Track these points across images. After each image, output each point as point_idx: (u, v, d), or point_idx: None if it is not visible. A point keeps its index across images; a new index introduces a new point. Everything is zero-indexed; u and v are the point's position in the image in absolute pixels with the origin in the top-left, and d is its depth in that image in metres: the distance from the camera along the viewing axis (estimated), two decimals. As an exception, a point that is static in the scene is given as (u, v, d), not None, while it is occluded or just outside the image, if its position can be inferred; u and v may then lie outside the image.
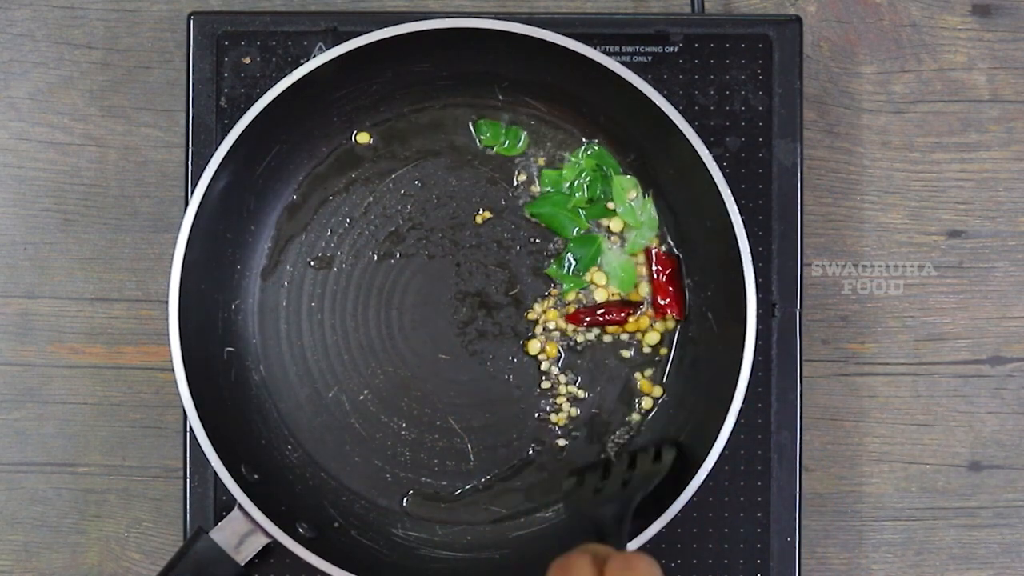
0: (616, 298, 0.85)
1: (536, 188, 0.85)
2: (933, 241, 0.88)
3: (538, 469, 0.85)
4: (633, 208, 0.84)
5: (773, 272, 0.83)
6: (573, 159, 0.85)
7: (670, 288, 0.84)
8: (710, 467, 0.78)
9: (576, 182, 0.84)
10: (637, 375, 0.85)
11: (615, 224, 0.85)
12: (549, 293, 0.85)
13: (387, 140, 0.85)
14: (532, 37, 0.78)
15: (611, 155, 0.85)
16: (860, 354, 0.88)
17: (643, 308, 0.85)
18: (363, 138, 0.85)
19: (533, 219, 0.85)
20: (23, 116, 0.88)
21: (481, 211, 0.85)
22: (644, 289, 0.85)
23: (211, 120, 0.83)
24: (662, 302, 0.84)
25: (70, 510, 0.87)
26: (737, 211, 0.78)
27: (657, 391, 0.85)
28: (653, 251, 0.84)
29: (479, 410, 0.85)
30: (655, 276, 0.84)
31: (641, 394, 0.85)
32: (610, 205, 0.84)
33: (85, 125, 0.88)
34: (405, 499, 0.85)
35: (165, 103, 0.88)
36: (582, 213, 0.85)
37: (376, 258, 0.85)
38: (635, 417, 0.85)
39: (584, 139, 0.85)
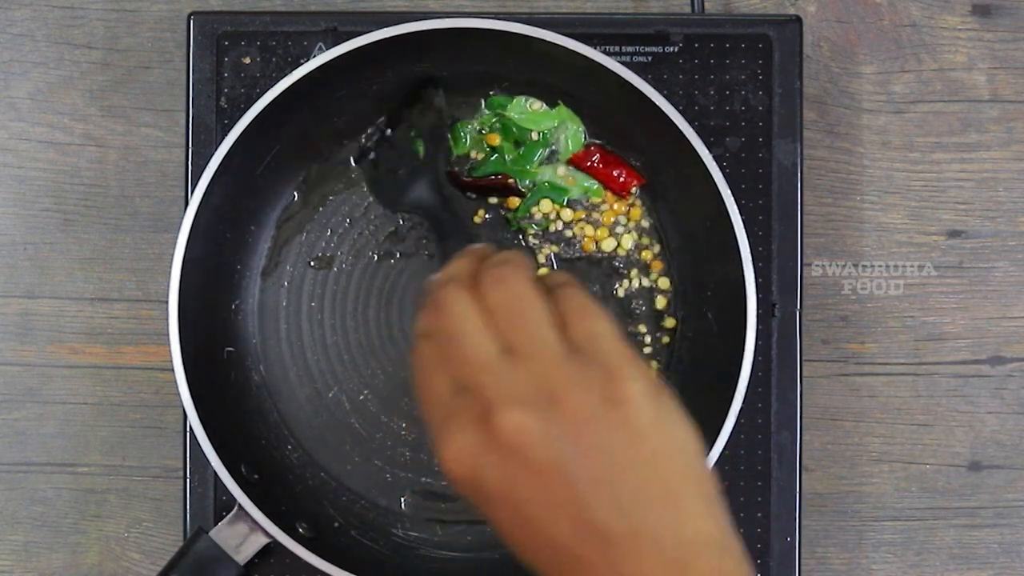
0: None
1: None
2: (933, 241, 0.88)
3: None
4: (542, 113, 0.84)
5: (773, 272, 0.83)
6: (475, 124, 0.85)
7: (613, 170, 0.84)
8: (710, 467, 0.78)
9: (500, 143, 0.84)
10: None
11: (561, 170, 0.85)
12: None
13: (387, 140, 0.85)
14: (532, 37, 0.78)
15: (504, 96, 0.85)
16: (860, 354, 0.88)
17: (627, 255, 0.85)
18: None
19: (532, 216, 0.85)
20: (23, 116, 0.88)
21: (481, 211, 0.85)
22: (628, 241, 0.85)
23: (211, 120, 0.83)
24: (620, 178, 0.84)
25: (70, 510, 0.87)
26: (737, 211, 0.78)
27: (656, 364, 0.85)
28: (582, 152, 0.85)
29: (479, 410, 0.85)
30: (595, 166, 0.84)
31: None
32: (533, 136, 0.84)
33: (85, 125, 0.88)
34: (405, 499, 0.85)
35: (165, 103, 0.88)
36: (531, 167, 0.84)
37: (376, 258, 0.85)
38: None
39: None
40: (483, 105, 0.85)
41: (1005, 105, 0.88)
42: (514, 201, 0.85)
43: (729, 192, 0.78)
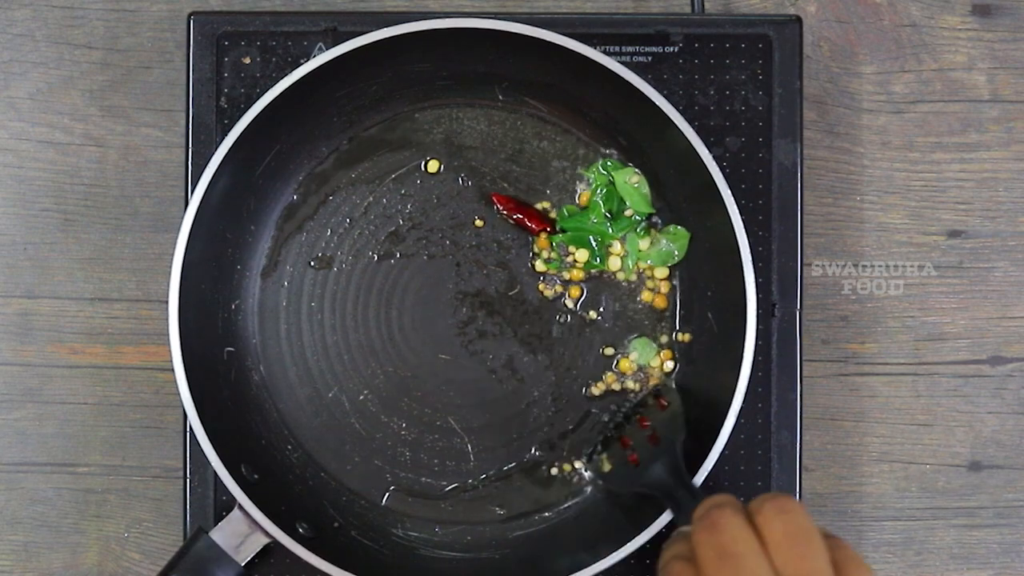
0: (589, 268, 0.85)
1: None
2: (933, 241, 0.88)
3: (538, 469, 0.85)
4: (636, 191, 0.84)
5: (773, 272, 0.83)
6: (587, 174, 0.85)
7: (520, 215, 0.84)
8: (710, 467, 0.78)
9: (592, 199, 0.84)
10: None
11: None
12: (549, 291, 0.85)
13: (387, 140, 0.85)
14: (532, 37, 0.78)
15: (620, 163, 0.84)
16: (860, 354, 0.88)
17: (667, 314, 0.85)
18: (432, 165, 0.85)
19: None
20: (23, 116, 0.88)
21: (479, 220, 0.85)
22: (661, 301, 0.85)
23: (211, 120, 0.83)
24: (530, 224, 0.84)
25: (70, 510, 0.87)
26: (737, 211, 0.78)
27: (669, 365, 0.84)
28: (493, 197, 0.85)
29: (479, 410, 0.85)
30: (508, 217, 0.85)
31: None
32: (627, 212, 0.84)
33: (85, 125, 0.88)
34: (405, 499, 0.85)
35: (165, 103, 0.88)
36: (609, 227, 0.84)
37: (376, 258, 0.85)
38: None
39: (600, 149, 0.85)
40: (599, 158, 0.85)
41: (1005, 105, 0.88)
42: (544, 242, 0.85)
43: (729, 192, 0.78)
